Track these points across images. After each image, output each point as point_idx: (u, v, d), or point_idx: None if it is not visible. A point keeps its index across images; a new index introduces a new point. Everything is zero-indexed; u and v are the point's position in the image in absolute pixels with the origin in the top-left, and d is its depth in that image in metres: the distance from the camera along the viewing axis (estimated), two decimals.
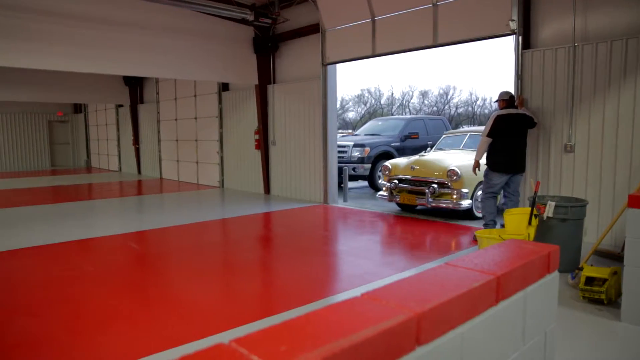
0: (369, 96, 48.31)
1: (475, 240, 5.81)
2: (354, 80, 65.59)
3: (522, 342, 1.53)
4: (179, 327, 3.69)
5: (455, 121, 41.41)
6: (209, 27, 10.28)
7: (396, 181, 8.34)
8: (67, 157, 22.46)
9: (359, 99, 48.54)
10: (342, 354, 0.94)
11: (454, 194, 7.60)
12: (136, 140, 17.45)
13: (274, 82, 11.11)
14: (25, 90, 15.51)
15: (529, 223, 4.57)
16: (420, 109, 45.15)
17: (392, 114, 42.57)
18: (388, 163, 8.75)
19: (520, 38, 6.61)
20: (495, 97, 6.64)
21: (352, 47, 9.08)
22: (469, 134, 9.53)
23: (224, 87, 12.80)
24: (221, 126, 12.95)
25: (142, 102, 17.22)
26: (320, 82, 9.75)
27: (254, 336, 1.00)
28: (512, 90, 6.60)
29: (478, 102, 44.65)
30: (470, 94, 48.09)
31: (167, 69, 10.17)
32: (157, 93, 15.99)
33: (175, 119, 15.14)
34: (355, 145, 11.80)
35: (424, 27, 7.77)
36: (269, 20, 10.39)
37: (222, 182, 13.12)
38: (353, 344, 0.96)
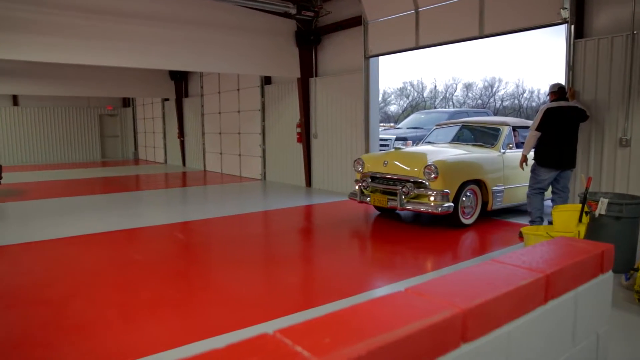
0: (412, 89, 47.59)
1: (521, 237, 5.64)
2: (396, 73, 64.78)
3: (572, 344, 1.47)
4: (223, 316, 3.78)
5: (501, 114, 40.25)
6: (252, 21, 10.39)
7: (369, 179, 7.21)
8: (116, 150, 23.32)
9: (401, 92, 47.89)
10: (387, 349, 0.94)
11: (431, 195, 6.41)
12: (181, 133, 17.90)
13: (316, 75, 11.12)
14: (78, 86, 16.23)
15: (580, 220, 4.39)
16: (464, 102, 44.11)
17: (435, 107, 41.80)
18: (362, 157, 7.59)
19: (572, 27, 6.33)
20: (544, 90, 6.42)
21: (395, 39, 8.96)
22: (461, 125, 8.38)
23: (267, 80, 12.91)
24: (263, 119, 13.09)
25: (187, 96, 17.63)
26: (362, 75, 9.68)
27: (297, 327, 1.00)
28: (562, 82, 6.34)
29: (525, 95, 43.17)
30: (517, 86, 46.43)
31: (211, 63, 10.36)
32: (202, 87, 16.33)
33: (219, 112, 15.42)
34: (397, 139, 11.69)
35: (469, 17, 7.57)
36: (311, 13, 10.39)
37: (264, 174, 13.28)
38: (397, 338, 0.95)
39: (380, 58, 9.75)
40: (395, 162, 7.02)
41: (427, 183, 6.45)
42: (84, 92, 17.29)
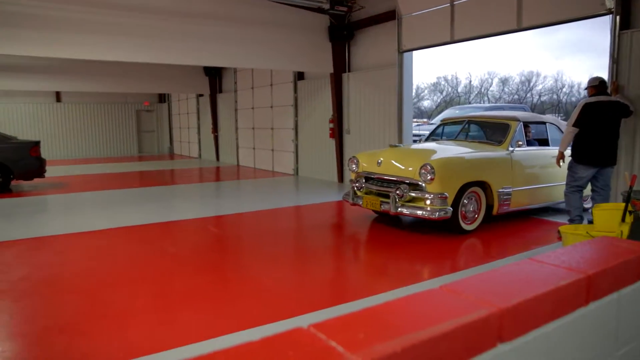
0: (446, 84, 46.85)
1: (559, 236, 5.49)
2: (430, 67, 63.84)
3: (615, 348, 1.42)
4: (255, 309, 3.83)
5: (539, 109, 39.15)
6: (285, 16, 10.43)
7: (363, 179, 6.64)
8: (152, 144, 23.88)
9: (435, 87, 47.21)
10: (421, 346, 0.93)
11: (427, 198, 5.80)
12: (215, 129, 18.18)
13: (349, 71, 11.09)
14: (117, 82, 16.71)
15: (622, 220, 4.23)
16: (500, 97, 43.13)
17: (470, 103, 41.02)
18: (357, 155, 7.00)
19: (617, 18, 6.08)
20: (585, 84, 6.18)
21: (430, 34, 8.83)
22: (467, 121, 7.62)
23: (300, 76, 12.95)
24: (296, 114, 13.15)
25: (220, 91, 17.88)
26: (396, 70, 9.58)
27: (332, 322, 1.01)
28: (603, 76, 6.10)
29: (564, 90, 41.86)
30: (556, 81, 45.04)
31: (245, 59, 10.47)
32: (235, 83, 16.52)
33: (252, 108, 15.58)
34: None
35: (507, 9, 7.38)
36: (345, 8, 10.35)
37: (296, 169, 13.35)
38: (432, 336, 0.94)
39: (414, 53, 9.63)
40: (390, 162, 6.38)
41: (423, 185, 5.84)
42: (122, 89, 17.82)
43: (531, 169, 6.87)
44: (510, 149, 6.58)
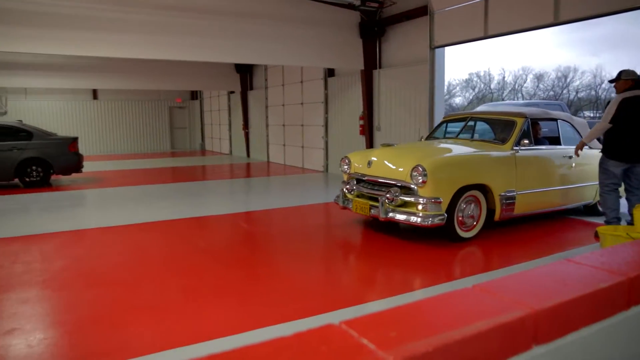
0: (478, 80, 45.99)
1: (597, 237, 5.32)
2: (462, 63, 62.75)
3: None
4: (286, 304, 3.86)
5: (575, 106, 38.01)
6: (316, 13, 10.44)
7: (354, 180, 6.23)
8: (185, 141, 24.32)
9: (467, 84, 46.41)
10: (454, 346, 0.92)
11: (419, 202, 5.31)
12: (246, 125, 18.37)
13: (379, 67, 11.01)
14: (151, 80, 17.10)
15: None
16: (535, 94, 42.05)
17: (503, 99, 40.16)
18: (349, 155, 6.56)
19: None
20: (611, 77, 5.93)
21: (462, 29, 8.67)
22: (469, 118, 7.05)
23: (330, 72, 12.95)
24: (326, 111, 13.15)
25: (251, 88, 18.04)
26: (428, 66, 9.46)
27: (363, 319, 1.00)
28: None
29: (603, 86, 40.46)
30: (594, 76, 43.58)
31: (276, 55, 10.53)
32: (266, 80, 16.64)
33: (283, 105, 15.66)
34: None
35: (543, 3, 7.18)
36: (376, 4, 10.28)
37: (326, 166, 13.36)
38: (465, 336, 0.93)
39: (446, 49, 9.49)
40: (381, 162, 5.92)
41: (415, 188, 5.36)
42: (156, 86, 18.22)
43: (539, 170, 6.30)
44: (515, 148, 6.01)
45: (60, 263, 5.05)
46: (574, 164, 6.41)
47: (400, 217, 5.43)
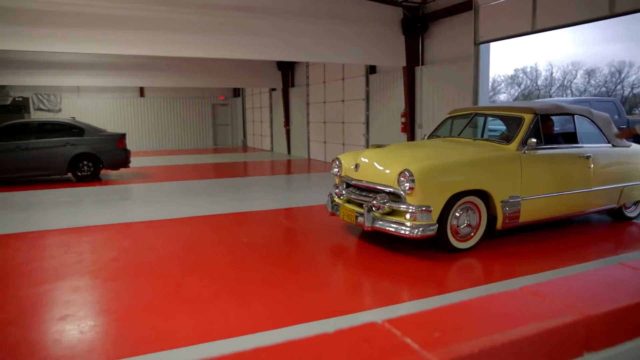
0: (524, 76, 44.54)
1: None
2: (508, 59, 60.89)
3: None
4: (327, 301, 3.87)
5: (630, 103, 36.22)
6: (357, 10, 10.39)
7: (344, 184, 5.76)
8: (227, 137, 24.79)
9: (512, 80, 45.03)
10: (500, 349, 0.89)
11: (407, 211, 4.79)
12: (287, 122, 18.52)
13: (422, 64, 10.86)
14: (195, 77, 17.51)
15: None
16: (585, 90, 40.34)
17: (550, 96, 38.76)
18: (340, 156, 6.07)
19: None
20: None
21: (509, 24, 8.42)
22: (473, 114, 6.42)
23: (372, 69, 12.87)
24: (367, 109, 13.09)
25: (293, 85, 18.17)
26: (472, 62, 9.25)
27: (406, 318, 1.00)
28: None
29: None
30: None
31: (317, 53, 10.55)
32: (307, 77, 16.71)
33: (324, 102, 15.69)
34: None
35: None
36: (419, 0, 10.12)
37: None
38: (512, 339, 0.90)
39: (491, 44, 9.24)
40: (368, 165, 5.43)
41: (402, 195, 4.84)
42: (200, 83, 18.68)
43: (550, 172, 5.57)
44: (522, 148, 5.35)
45: (109, 254, 5.25)
46: (592, 165, 5.83)
47: (387, 226, 4.91)
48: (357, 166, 5.55)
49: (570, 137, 6.10)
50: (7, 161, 10.57)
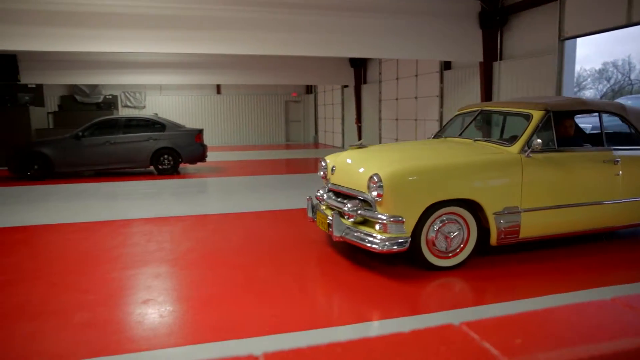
0: (614, 71, 41.37)
1: None
2: (594, 51, 56.74)
3: None
4: (394, 301, 3.82)
5: None
6: (432, 4, 10.14)
7: (327, 188, 5.25)
8: (299, 133, 25.20)
9: (600, 75, 41.97)
10: None
11: (377, 221, 4.23)
12: (359, 119, 18.49)
13: (500, 59, 10.40)
14: (269, 75, 17.93)
15: None
16: None
17: None
18: (327, 157, 5.48)
19: None
20: None
21: (599, 16, 7.83)
22: (479, 111, 5.64)
23: (446, 65, 12.53)
24: (442, 106, 12.76)
25: (365, 82, 18.10)
26: (555, 57, 8.73)
27: (486, 322, 0.96)
28: None
29: None
30: None
31: (391, 49, 10.43)
32: (380, 73, 16.57)
33: (396, 99, 15.50)
34: (594, 129, 10.31)
35: None
36: None
37: None
38: (606, 353, 0.84)
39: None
40: (344, 168, 4.95)
41: (373, 202, 4.29)
42: (273, 80, 19.12)
43: (563, 180, 4.72)
44: (526, 150, 4.58)
45: (187, 244, 5.52)
46: (621, 172, 4.90)
47: (355, 238, 4.37)
48: (332, 169, 5.13)
49: (595, 139, 5.29)
50: (97, 154, 11.42)
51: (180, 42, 9.06)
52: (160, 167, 11.85)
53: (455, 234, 4.37)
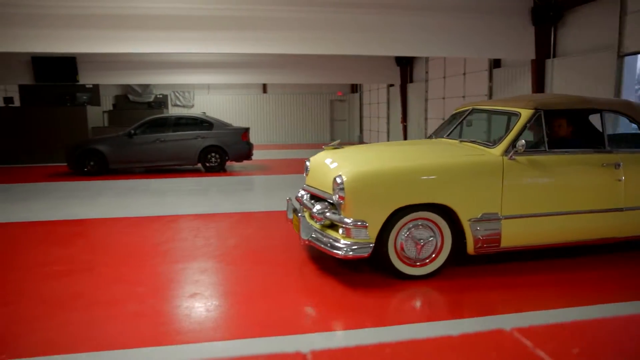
0: None
1: None
2: None
3: None
4: (446, 304, 3.76)
5: None
6: (481, 1, 9.90)
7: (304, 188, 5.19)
8: (344, 132, 25.20)
9: None
10: None
11: (341, 225, 4.04)
12: (404, 118, 18.29)
13: (553, 56, 10.02)
14: (314, 74, 18.00)
15: None
16: None
17: None
18: (312, 158, 5.32)
19: None
20: None
21: None
22: (470, 110, 5.29)
23: (495, 63, 12.18)
24: None
25: (411, 81, 17.87)
26: (614, 53, 8.30)
27: (539, 329, 0.93)
28: None
29: None
30: None
31: (439, 47, 10.26)
32: (426, 72, 16.31)
33: (443, 98, 15.21)
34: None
35: None
36: None
37: None
38: None
39: None
40: (315, 169, 4.87)
41: (338, 204, 4.10)
42: (319, 80, 19.22)
43: (552, 185, 4.35)
44: (509, 152, 4.21)
45: (233, 241, 5.63)
46: (623, 177, 4.43)
47: (320, 242, 4.18)
48: (306, 169, 5.04)
49: (596, 139, 4.81)
50: (148, 151, 11.84)
51: (229, 42, 9.33)
52: (207, 164, 12.14)
53: (426, 241, 4.11)
